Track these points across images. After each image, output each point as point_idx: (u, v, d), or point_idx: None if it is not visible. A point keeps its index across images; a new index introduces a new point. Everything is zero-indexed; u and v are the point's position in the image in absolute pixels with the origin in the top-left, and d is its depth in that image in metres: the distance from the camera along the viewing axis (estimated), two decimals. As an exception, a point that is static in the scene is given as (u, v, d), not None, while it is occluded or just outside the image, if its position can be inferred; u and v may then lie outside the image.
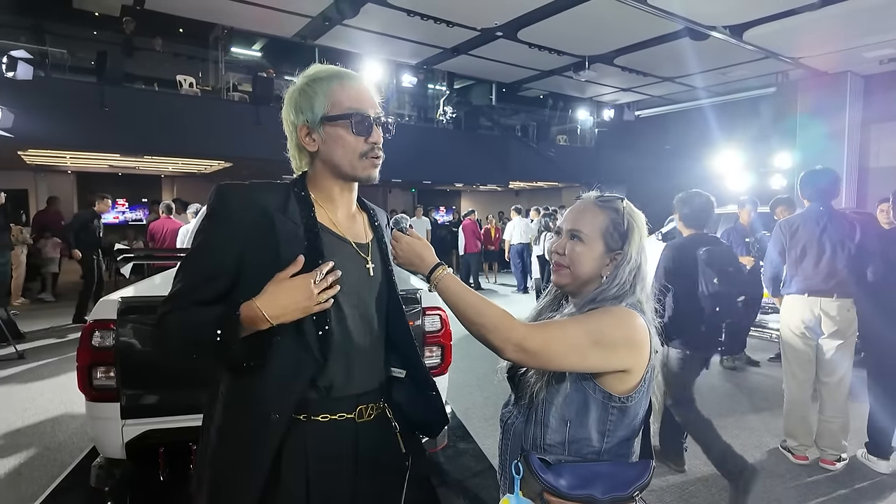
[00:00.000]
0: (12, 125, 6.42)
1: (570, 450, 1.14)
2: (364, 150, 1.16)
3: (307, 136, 1.17)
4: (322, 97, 1.15)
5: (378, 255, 1.26)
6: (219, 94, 11.21)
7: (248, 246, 1.11)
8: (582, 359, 1.08)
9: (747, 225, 5.54)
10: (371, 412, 1.21)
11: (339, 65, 1.22)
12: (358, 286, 1.19)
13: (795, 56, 9.77)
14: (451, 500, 2.93)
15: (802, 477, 3.18)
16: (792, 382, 3.42)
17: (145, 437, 2.34)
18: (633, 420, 1.16)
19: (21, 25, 9.74)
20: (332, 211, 1.21)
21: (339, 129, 1.15)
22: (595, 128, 16.74)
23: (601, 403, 1.12)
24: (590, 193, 1.28)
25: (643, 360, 1.13)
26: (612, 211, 1.21)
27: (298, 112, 1.17)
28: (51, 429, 3.75)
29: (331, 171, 1.19)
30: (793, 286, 3.39)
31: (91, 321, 2.33)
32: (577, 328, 1.09)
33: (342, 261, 1.15)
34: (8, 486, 3.00)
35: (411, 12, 8.66)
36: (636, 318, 1.13)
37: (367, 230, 1.28)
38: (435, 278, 1.16)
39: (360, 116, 1.15)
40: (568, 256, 1.20)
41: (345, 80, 1.18)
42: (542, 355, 1.07)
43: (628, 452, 1.18)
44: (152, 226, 7.38)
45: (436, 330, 2.67)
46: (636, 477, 1.13)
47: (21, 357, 5.39)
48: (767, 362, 5.48)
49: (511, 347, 1.06)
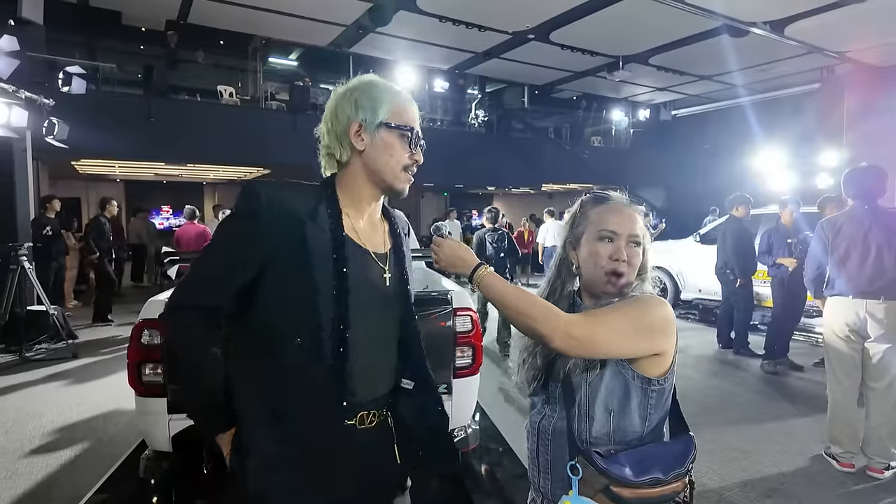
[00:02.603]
0: (67, 137, 6.78)
1: (615, 438, 1.16)
2: (407, 163, 1.23)
3: (357, 133, 1.20)
4: (387, 104, 1.20)
5: (395, 264, 1.29)
6: (257, 103, 11.57)
7: (273, 244, 1.12)
8: (626, 344, 1.13)
9: (790, 225, 5.38)
10: (373, 419, 1.22)
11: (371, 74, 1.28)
12: (374, 295, 1.22)
13: (841, 50, 9.41)
14: (483, 501, 2.95)
15: (848, 485, 3.06)
16: (836, 387, 3.30)
17: (190, 432, 2.45)
18: (666, 400, 1.21)
19: (75, 42, 10.29)
20: (357, 218, 1.24)
21: (395, 137, 1.21)
22: (630, 128, 16.49)
23: (640, 388, 1.16)
24: (620, 196, 1.29)
25: (674, 342, 1.18)
26: (643, 213, 1.28)
27: (358, 108, 1.20)
28: (102, 423, 3.95)
29: (369, 175, 1.22)
30: (836, 287, 3.28)
31: (140, 320, 2.45)
32: (620, 316, 1.13)
33: (362, 270, 1.19)
34: (65, 476, 3.18)
35: (443, 18, 8.75)
36: (667, 305, 1.18)
37: (387, 239, 1.31)
38: (478, 277, 1.19)
39: (415, 134, 1.23)
40: (631, 264, 1.21)
41: (403, 96, 1.25)
42: (590, 341, 1.10)
43: (662, 433, 1.22)
44: (178, 232, 7.74)
45: (467, 331, 2.70)
46: (685, 451, 1.17)
47: (74, 356, 5.69)
48: (812, 367, 5.28)
49: (559, 335, 1.09)
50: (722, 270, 5.87)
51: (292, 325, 1.14)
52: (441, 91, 13.74)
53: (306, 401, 1.14)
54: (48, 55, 7.46)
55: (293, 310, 1.14)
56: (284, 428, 1.14)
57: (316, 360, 1.13)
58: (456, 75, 13.16)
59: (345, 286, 1.15)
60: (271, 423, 1.14)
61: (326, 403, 1.15)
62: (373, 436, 1.22)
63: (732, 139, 13.56)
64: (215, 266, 1.17)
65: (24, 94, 6.09)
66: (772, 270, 5.35)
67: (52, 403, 4.34)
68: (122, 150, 9.49)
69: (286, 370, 1.14)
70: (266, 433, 1.14)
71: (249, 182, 1.20)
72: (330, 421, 1.15)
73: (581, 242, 1.26)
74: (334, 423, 1.16)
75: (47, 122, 6.46)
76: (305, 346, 1.13)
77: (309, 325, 1.13)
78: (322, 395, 1.14)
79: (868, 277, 3.15)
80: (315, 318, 1.13)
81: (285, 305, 1.14)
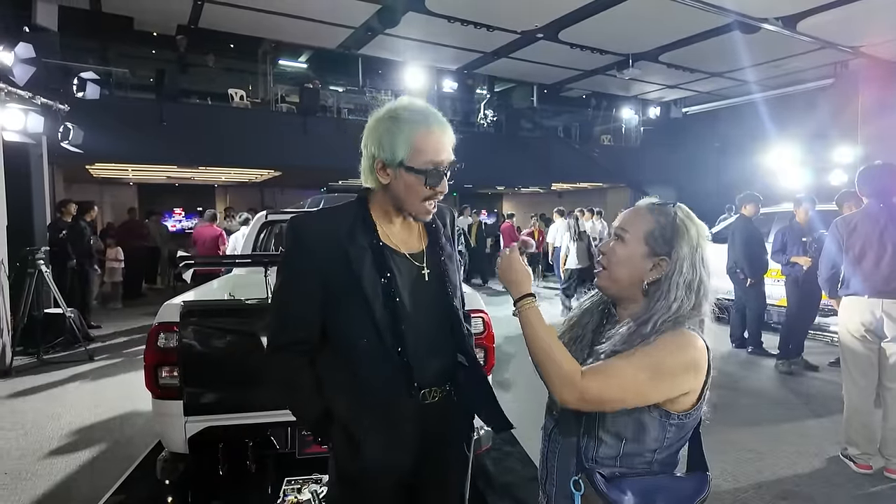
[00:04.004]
0: (82, 142, 6.87)
1: (622, 462, 1.12)
2: (428, 195, 1.30)
3: (382, 170, 1.28)
4: (405, 143, 1.24)
5: (432, 259, 1.40)
6: (268, 106, 11.65)
7: (327, 273, 1.29)
8: (644, 395, 1.06)
9: (804, 224, 5.31)
10: (436, 395, 1.36)
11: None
12: (417, 291, 1.35)
13: (855, 45, 9.30)
14: (497, 502, 2.95)
15: (865, 486, 3.03)
16: (852, 388, 3.26)
17: (206, 434, 2.48)
18: (687, 433, 1.15)
19: (88, 48, 10.43)
20: (389, 226, 1.36)
21: (413, 178, 1.26)
22: (640, 126, 16.38)
23: (659, 422, 1.10)
24: (646, 199, 1.24)
25: (702, 379, 1.11)
26: (661, 216, 1.16)
27: (380, 148, 1.26)
28: (119, 425, 4.01)
29: (394, 202, 1.33)
30: (851, 287, 3.24)
31: (156, 323, 2.49)
32: (633, 369, 1.06)
33: (402, 271, 1.33)
34: (83, 477, 3.23)
35: (451, 19, 8.77)
36: (696, 341, 1.09)
37: (423, 236, 1.42)
38: (521, 307, 1.18)
39: (435, 171, 1.26)
40: (607, 256, 1.19)
41: (431, 124, 1.26)
42: (605, 404, 1.08)
43: (675, 461, 1.17)
44: (194, 233, 7.90)
45: (479, 332, 2.70)
46: (696, 490, 1.12)
47: (91, 358, 5.77)
48: (827, 367, 5.23)
49: (571, 401, 1.08)
50: (732, 270, 5.82)
51: (356, 330, 1.30)
52: (450, 91, 13.75)
53: (382, 389, 1.30)
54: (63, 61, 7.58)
55: (354, 317, 1.30)
56: (368, 412, 1.31)
57: (383, 355, 1.29)
58: (465, 75, 13.17)
59: (390, 289, 1.29)
60: (357, 411, 1.32)
61: (399, 387, 1.31)
62: (436, 409, 1.36)
63: (744, 136, 13.42)
64: (291, 307, 1.34)
65: (40, 100, 6.18)
66: (786, 269, 5.30)
67: (70, 405, 4.41)
68: (135, 153, 9.61)
69: (361, 366, 1.31)
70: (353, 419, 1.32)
71: (295, 220, 1.35)
72: (405, 401, 1.31)
73: None
74: (408, 403, 1.31)
75: (62, 128, 6.55)
76: (372, 344, 1.29)
77: (369, 327, 1.29)
78: (394, 381, 1.30)
79: (884, 277, 3.11)
80: (372, 321, 1.28)
81: (348, 315, 1.30)
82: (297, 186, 15.07)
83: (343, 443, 1.33)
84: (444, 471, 1.45)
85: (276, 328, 1.35)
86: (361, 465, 1.31)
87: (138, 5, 8.70)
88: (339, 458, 1.36)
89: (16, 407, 4.42)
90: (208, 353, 2.48)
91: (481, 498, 2.94)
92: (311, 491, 2.47)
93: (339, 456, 1.36)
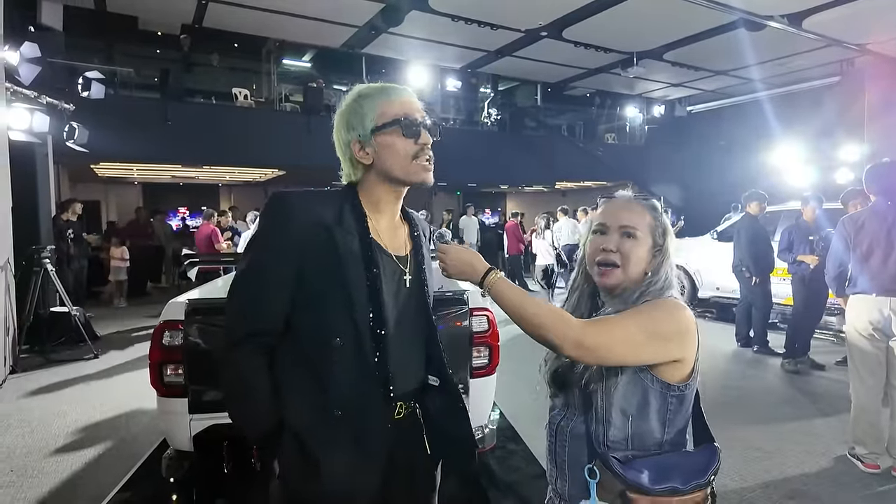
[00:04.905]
0: (87, 141, 6.90)
1: (633, 444, 1.14)
2: (414, 151, 1.22)
3: (360, 150, 1.23)
4: (371, 112, 1.22)
5: (415, 267, 1.32)
6: (272, 105, 11.66)
7: (307, 258, 1.17)
8: (638, 352, 1.10)
9: (811, 222, 5.28)
10: (401, 411, 1.27)
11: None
12: (398, 296, 1.26)
13: (861, 42, 9.24)
14: (500, 501, 2.94)
15: (873, 486, 3.00)
16: (860, 387, 3.24)
17: (210, 431, 2.48)
18: (688, 408, 1.19)
19: (93, 47, 10.45)
20: (378, 221, 1.27)
21: (390, 136, 1.21)
22: (645, 125, 16.33)
23: (660, 394, 1.13)
24: (624, 192, 1.29)
25: (693, 348, 1.15)
26: (651, 209, 1.24)
27: (350, 129, 1.23)
28: (125, 423, 4.02)
29: (385, 179, 1.25)
30: (859, 285, 3.22)
31: (161, 322, 2.49)
32: (631, 323, 1.11)
33: (386, 272, 1.23)
34: (89, 474, 3.24)
35: (455, 17, 8.76)
36: (684, 310, 1.16)
37: (407, 242, 1.34)
38: (487, 284, 1.18)
39: (408, 120, 1.21)
40: (622, 254, 1.19)
41: (391, 92, 1.24)
42: (600, 350, 1.09)
43: (684, 441, 1.20)
44: (196, 232, 7.99)
45: (483, 331, 2.70)
46: (708, 462, 1.14)
47: (96, 356, 5.79)
48: (834, 366, 5.19)
49: (569, 344, 1.08)
50: (738, 268, 5.79)
51: (331, 326, 1.18)
52: (453, 90, 13.71)
53: (352, 396, 1.18)
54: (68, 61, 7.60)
55: (330, 311, 1.18)
56: (333, 424, 1.17)
57: (358, 358, 1.18)
58: (468, 74, 13.15)
59: (376, 285, 1.19)
60: (321, 422, 1.17)
61: (371, 397, 1.19)
62: (405, 426, 1.28)
63: (749, 135, 13.36)
64: (259, 290, 1.19)
65: (45, 99, 6.21)
66: (792, 268, 5.27)
67: (76, 403, 4.43)
68: (139, 152, 9.63)
69: (330, 368, 1.17)
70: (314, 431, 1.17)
71: (277, 193, 1.24)
72: (376, 414, 1.20)
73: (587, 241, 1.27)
74: (381, 417, 1.21)
75: (68, 127, 6.58)
76: (347, 345, 1.17)
77: (346, 324, 1.17)
78: (366, 389, 1.19)
79: (892, 275, 3.09)
80: (351, 317, 1.17)
81: (323, 308, 1.18)
82: (300, 186, 14.99)
83: (297, 460, 1.16)
84: (411, 499, 1.32)
85: (236, 316, 1.19)
86: (322, 488, 1.14)
87: (143, 5, 8.73)
88: (293, 480, 1.18)
89: (22, 405, 4.43)
90: (213, 351, 2.47)
91: (485, 496, 2.93)
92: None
93: (293, 477, 1.18)
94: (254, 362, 1.17)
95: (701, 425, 1.23)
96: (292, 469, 1.18)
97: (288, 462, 1.18)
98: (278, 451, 1.18)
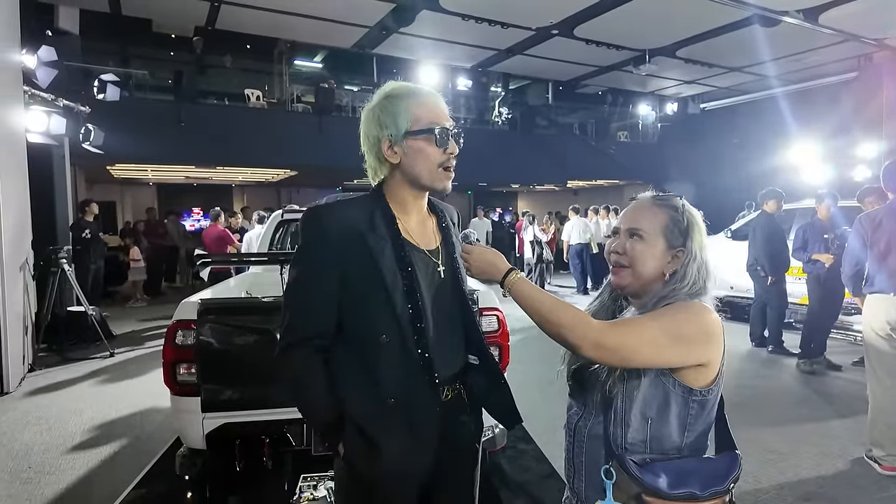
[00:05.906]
0: (102, 143, 7.00)
1: (651, 447, 1.13)
2: (442, 160, 1.28)
3: (390, 148, 1.27)
4: (404, 113, 1.26)
5: (447, 256, 1.38)
6: (284, 106, 11.73)
7: (347, 265, 1.26)
8: (659, 354, 1.09)
9: (826, 220, 5.21)
10: (448, 393, 1.36)
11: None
12: (433, 288, 1.33)
13: (879, 37, 9.08)
14: (513, 501, 2.94)
15: (890, 489, 2.96)
16: (877, 387, 3.19)
17: (223, 430, 2.50)
18: (710, 413, 1.17)
19: (108, 50, 10.61)
20: (406, 220, 1.33)
21: (422, 142, 1.26)
22: (657, 123, 16.16)
23: (681, 398, 1.12)
24: (645, 193, 1.28)
25: (719, 353, 1.14)
26: (670, 209, 1.21)
27: (382, 127, 1.27)
28: (139, 421, 4.08)
29: (409, 181, 1.31)
30: (876, 284, 3.17)
31: (175, 321, 2.52)
32: (654, 324, 1.09)
33: (420, 267, 1.30)
34: (105, 472, 3.29)
35: (466, 16, 8.74)
36: (710, 313, 1.14)
37: (436, 233, 1.40)
38: (508, 283, 1.20)
39: (441, 130, 1.27)
40: (628, 255, 1.20)
41: (422, 97, 1.29)
42: (621, 352, 1.08)
43: (704, 446, 1.18)
44: (203, 233, 8.07)
45: (493, 330, 2.69)
46: (728, 469, 1.12)
47: (112, 355, 5.88)
48: (851, 366, 5.11)
49: (589, 345, 1.08)
50: (753, 267, 5.72)
51: (376, 325, 1.26)
52: (464, 89, 13.69)
53: (402, 386, 1.26)
54: (84, 64, 7.72)
55: (373, 311, 1.26)
56: (387, 412, 1.26)
57: (403, 352, 1.26)
58: (479, 73, 13.12)
59: (412, 283, 1.27)
60: (377, 412, 1.26)
61: (418, 385, 1.28)
62: (452, 407, 1.36)
63: (764, 132, 13.17)
64: (310, 300, 1.29)
65: (62, 102, 6.31)
66: (807, 267, 5.19)
67: (92, 401, 4.50)
68: (154, 154, 9.75)
69: (380, 363, 1.26)
70: (372, 419, 1.26)
71: (312, 207, 1.33)
72: (425, 400, 1.29)
73: None
74: (429, 402, 1.29)
75: (84, 129, 6.68)
76: (392, 340, 1.26)
77: (390, 322, 1.25)
78: (414, 378, 1.27)
79: (911, 274, 3.03)
80: (393, 316, 1.25)
81: (367, 308, 1.27)
82: (312, 186, 15.17)
83: (360, 446, 1.28)
84: (458, 472, 1.43)
85: (292, 323, 1.29)
86: (382, 468, 1.26)
87: (157, 7, 8.82)
88: (358, 463, 1.29)
89: (40, 402, 4.51)
90: (225, 350, 2.50)
91: (497, 496, 2.93)
92: (327, 488, 2.48)
93: (357, 460, 1.29)
94: (307, 363, 1.28)
95: (723, 431, 1.21)
96: (356, 453, 1.29)
97: (352, 447, 1.28)
98: (342, 438, 1.28)
